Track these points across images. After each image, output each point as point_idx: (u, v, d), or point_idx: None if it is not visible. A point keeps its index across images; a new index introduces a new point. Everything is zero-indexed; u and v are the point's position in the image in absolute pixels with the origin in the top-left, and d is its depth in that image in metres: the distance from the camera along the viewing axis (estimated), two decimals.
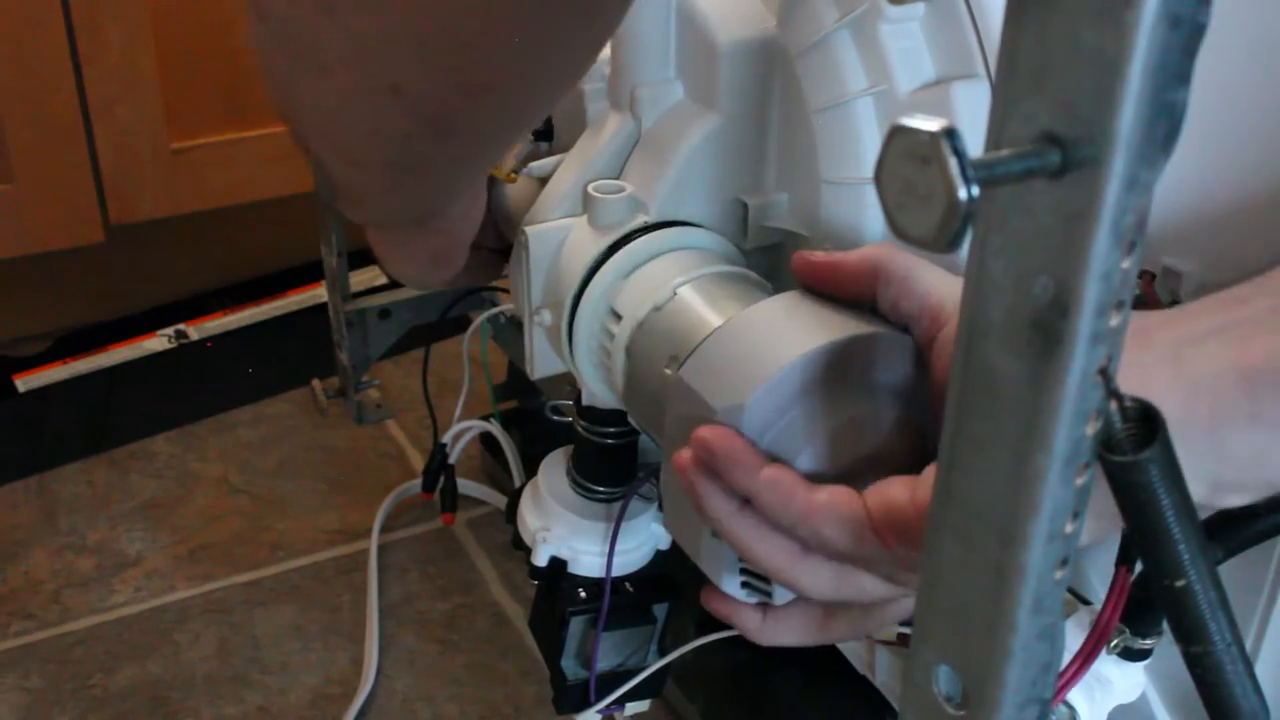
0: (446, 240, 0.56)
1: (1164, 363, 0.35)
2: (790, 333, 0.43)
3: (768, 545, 0.41)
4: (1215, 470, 0.35)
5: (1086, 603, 0.50)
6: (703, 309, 0.49)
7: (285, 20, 0.38)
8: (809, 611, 0.46)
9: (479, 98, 0.40)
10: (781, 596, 0.46)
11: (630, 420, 0.59)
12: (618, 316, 0.53)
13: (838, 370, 0.42)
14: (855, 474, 0.41)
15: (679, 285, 0.51)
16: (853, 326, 0.42)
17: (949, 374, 0.40)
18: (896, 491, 0.38)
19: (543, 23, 0.37)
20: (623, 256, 0.53)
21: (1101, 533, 0.35)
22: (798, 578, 0.41)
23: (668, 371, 0.48)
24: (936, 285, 0.42)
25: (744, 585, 0.46)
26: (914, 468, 0.41)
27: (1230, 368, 0.35)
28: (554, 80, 0.43)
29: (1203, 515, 0.28)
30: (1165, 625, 0.47)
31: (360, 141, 0.43)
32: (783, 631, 0.47)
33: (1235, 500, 0.36)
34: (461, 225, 0.56)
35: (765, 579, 0.45)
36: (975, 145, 0.24)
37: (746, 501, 0.41)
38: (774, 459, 0.41)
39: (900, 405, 0.43)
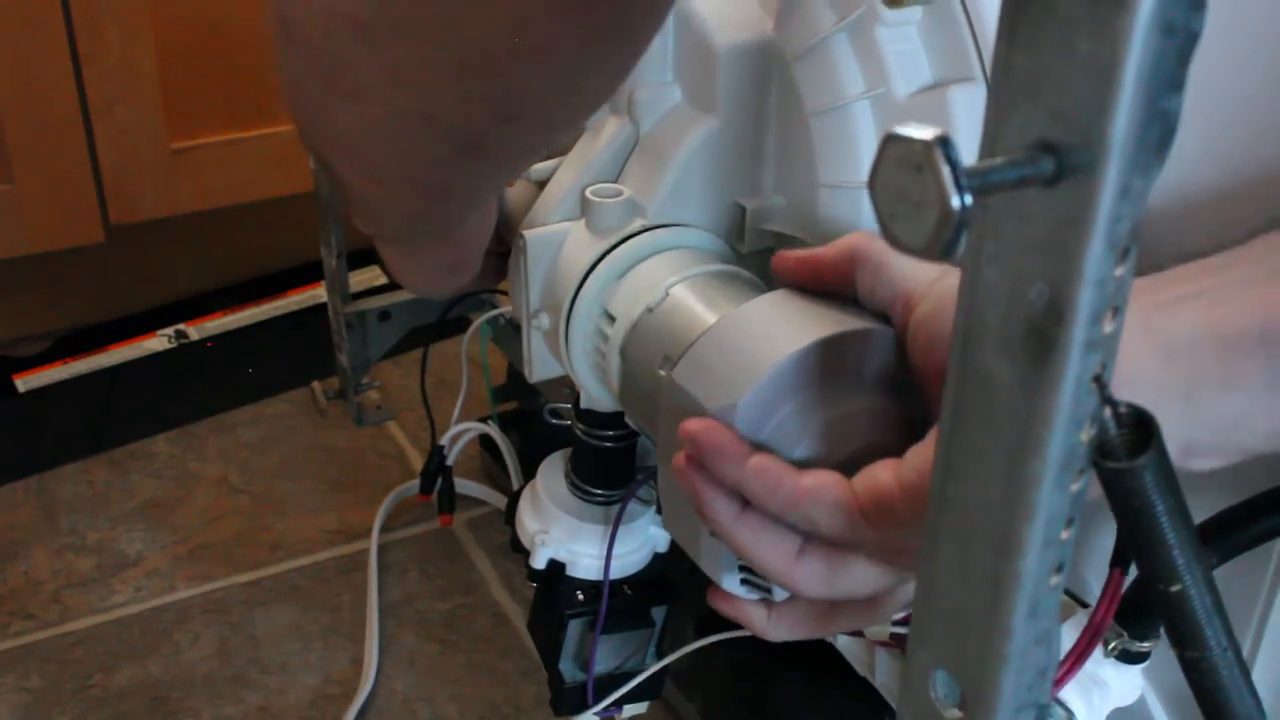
0: (459, 252, 0.56)
1: (1137, 327, 0.35)
2: (780, 331, 0.43)
3: (765, 548, 0.42)
4: (1188, 434, 0.35)
5: (1084, 605, 0.50)
6: (695, 309, 0.50)
7: (320, 47, 0.37)
8: (812, 606, 0.46)
9: (511, 124, 0.40)
10: (780, 593, 0.46)
11: (628, 421, 0.59)
12: (612, 318, 0.53)
13: (827, 366, 0.42)
14: (851, 467, 0.41)
15: (671, 285, 0.51)
16: (840, 322, 0.43)
17: (925, 354, 0.41)
18: (882, 474, 0.39)
19: (577, 50, 0.37)
20: (616, 258, 0.53)
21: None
22: (794, 580, 0.42)
23: (661, 372, 0.48)
24: (910, 269, 0.42)
25: (743, 582, 0.47)
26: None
27: (1204, 332, 0.35)
28: (583, 104, 0.43)
29: None
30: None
31: (387, 164, 0.43)
32: (789, 626, 0.47)
33: (1207, 464, 0.36)
34: (474, 237, 0.56)
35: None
36: (973, 146, 0.24)
37: (746, 505, 0.42)
38: (763, 450, 0.41)
39: (890, 397, 0.43)
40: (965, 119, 0.47)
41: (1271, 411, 0.35)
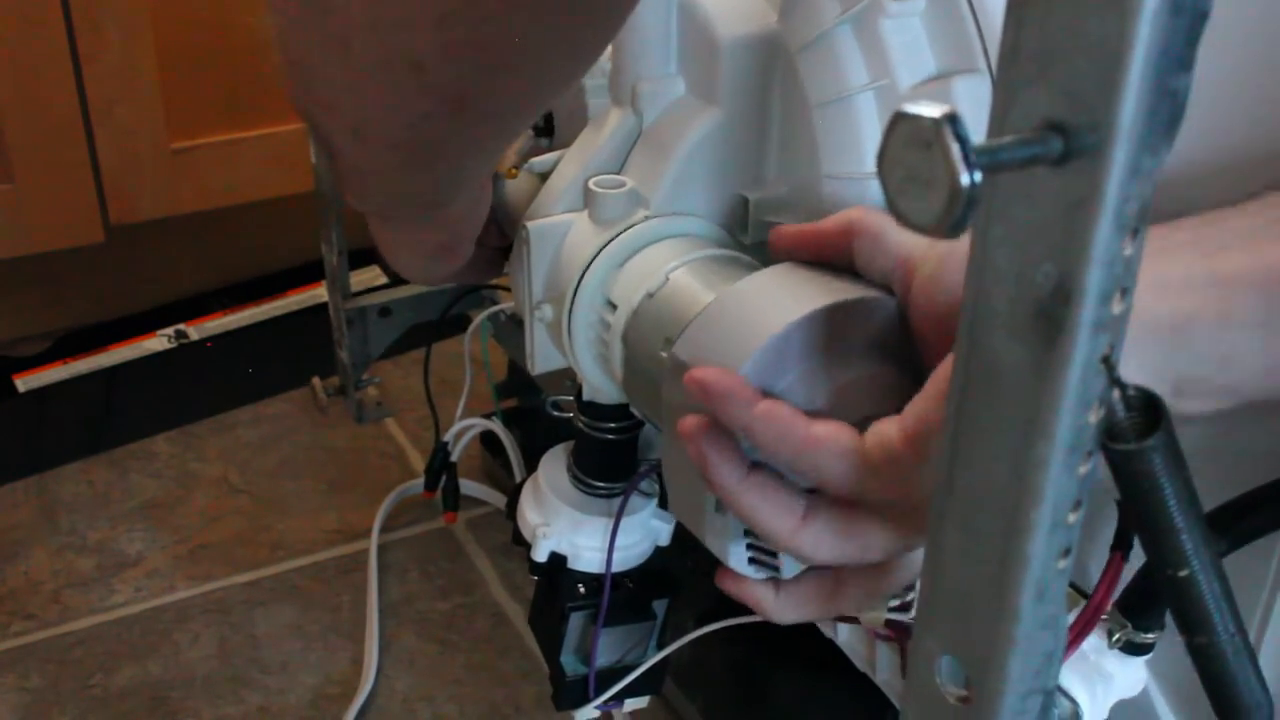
0: (451, 234, 0.56)
1: None
2: (780, 301, 0.43)
3: (771, 511, 0.41)
4: (1180, 370, 0.35)
5: (1087, 596, 0.50)
6: (695, 290, 0.50)
7: None
8: (820, 582, 0.46)
9: (497, 77, 0.39)
10: (789, 570, 0.46)
11: (632, 409, 0.58)
12: (613, 307, 0.53)
13: (829, 335, 0.42)
14: None
15: (671, 270, 0.51)
16: (840, 291, 0.43)
17: (926, 320, 0.41)
18: (886, 428, 0.39)
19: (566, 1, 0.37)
20: (616, 247, 0.53)
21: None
22: (801, 543, 0.42)
23: (663, 354, 0.48)
24: (907, 238, 0.42)
25: (751, 561, 0.46)
26: None
27: (1201, 271, 0.35)
28: (571, 62, 0.43)
29: None
30: (1168, 620, 0.47)
31: (374, 119, 0.43)
32: (796, 604, 0.47)
33: (1198, 406, 0.36)
34: (466, 219, 0.56)
35: (771, 553, 0.46)
36: (978, 138, 0.24)
37: (751, 469, 0.42)
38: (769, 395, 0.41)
39: (892, 366, 0.43)
40: (969, 110, 0.47)
41: (1269, 349, 0.35)
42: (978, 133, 0.24)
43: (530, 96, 0.44)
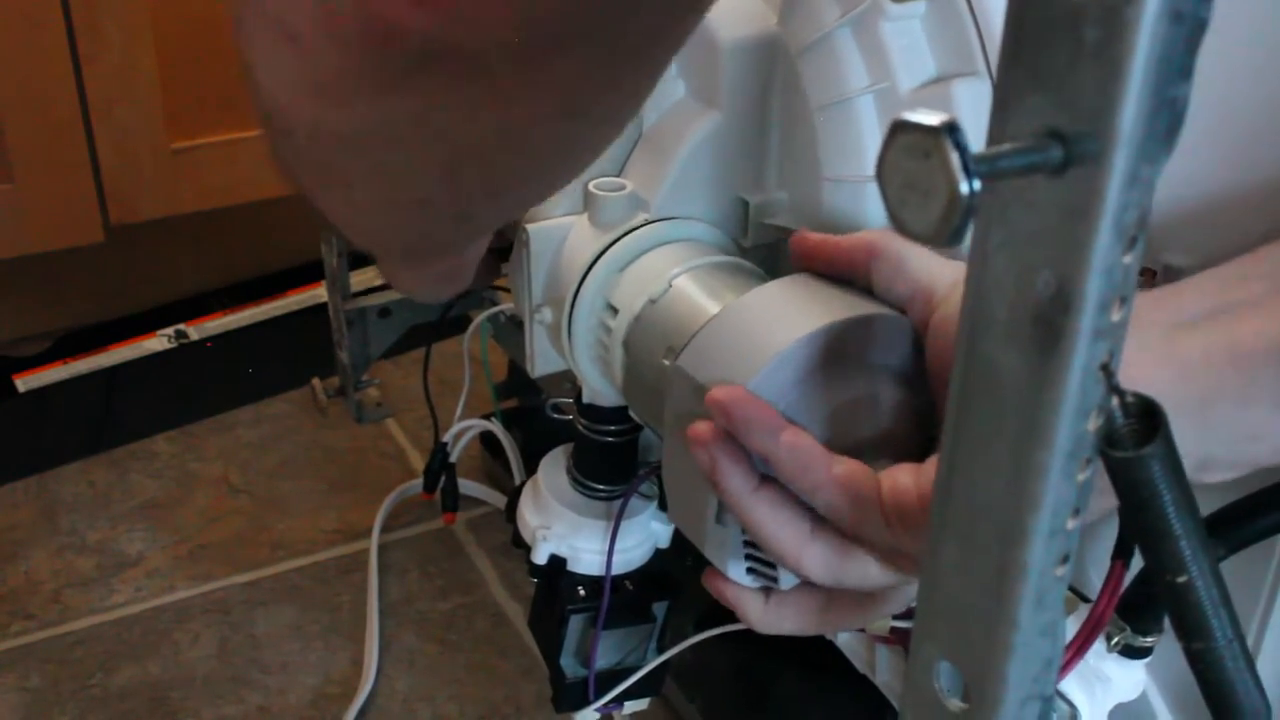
0: (456, 265, 0.56)
1: (1155, 342, 0.35)
2: (788, 316, 0.43)
3: (779, 526, 0.41)
4: (1204, 448, 0.35)
5: (1086, 600, 0.50)
6: (698, 298, 0.50)
7: (306, 146, 0.37)
8: (810, 598, 0.46)
9: (503, 197, 0.40)
10: (786, 582, 0.46)
11: (632, 414, 0.59)
12: (614, 311, 0.53)
13: (836, 352, 0.42)
14: (856, 456, 0.41)
15: (674, 277, 0.51)
16: (851, 308, 0.42)
17: (944, 356, 0.41)
18: (903, 478, 0.39)
19: (571, 147, 0.37)
20: (617, 250, 0.53)
21: (1101, 511, 0.35)
22: (803, 561, 0.42)
23: (665, 363, 0.48)
24: (930, 267, 0.42)
25: (749, 571, 0.46)
26: (915, 450, 0.41)
27: (1222, 348, 0.35)
28: (576, 170, 0.43)
29: None
30: (1166, 623, 0.47)
31: (383, 234, 0.44)
32: (783, 618, 0.47)
33: (1220, 477, 0.36)
34: (477, 251, 0.56)
35: (770, 564, 0.45)
36: (977, 143, 0.24)
37: (763, 480, 0.42)
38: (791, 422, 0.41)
39: (899, 387, 0.43)
40: (969, 113, 0.47)
41: None
42: (977, 136, 0.24)
43: (536, 200, 0.45)
